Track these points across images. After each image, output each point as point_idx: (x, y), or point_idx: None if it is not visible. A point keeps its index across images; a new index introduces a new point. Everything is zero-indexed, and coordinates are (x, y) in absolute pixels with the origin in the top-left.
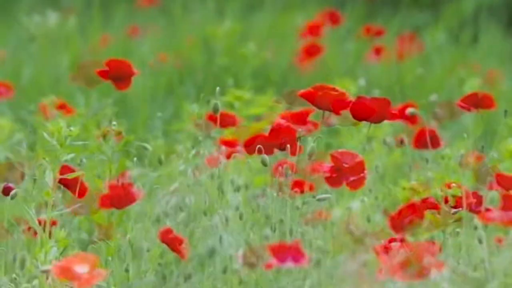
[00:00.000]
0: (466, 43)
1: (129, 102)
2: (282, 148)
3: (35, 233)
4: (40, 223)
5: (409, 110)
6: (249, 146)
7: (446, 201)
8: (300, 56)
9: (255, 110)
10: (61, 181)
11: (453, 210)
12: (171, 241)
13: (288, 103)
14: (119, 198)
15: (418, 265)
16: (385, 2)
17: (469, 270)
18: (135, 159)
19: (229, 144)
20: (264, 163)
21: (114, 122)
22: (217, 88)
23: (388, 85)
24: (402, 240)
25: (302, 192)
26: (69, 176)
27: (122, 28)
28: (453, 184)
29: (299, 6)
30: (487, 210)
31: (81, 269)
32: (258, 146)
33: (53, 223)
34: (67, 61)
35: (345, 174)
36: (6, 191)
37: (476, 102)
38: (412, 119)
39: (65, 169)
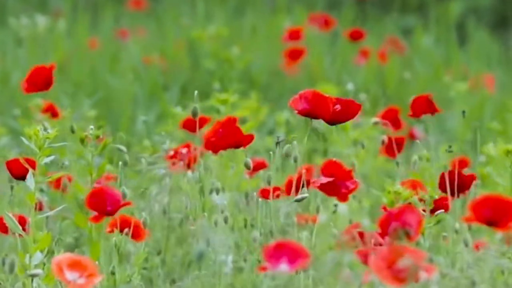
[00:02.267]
0: (453, 46)
1: (114, 105)
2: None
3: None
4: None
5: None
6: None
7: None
8: (285, 59)
9: (239, 113)
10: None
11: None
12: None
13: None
14: (104, 202)
15: (406, 269)
16: (373, 5)
17: (455, 273)
18: (120, 163)
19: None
20: (247, 166)
21: (91, 126)
22: (195, 92)
23: (375, 88)
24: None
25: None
26: (52, 178)
27: (110, 31)
28: (420, 189)
29: (287, 9)
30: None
31: (74, 274)
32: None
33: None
34: (55, 64)
35: (338, 185)
36: None
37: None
38: (396, 123)
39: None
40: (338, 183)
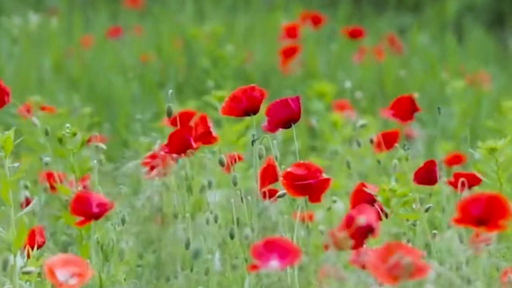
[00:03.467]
0: (450, 44)
1: (111, 103)
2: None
3: None
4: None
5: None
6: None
7: None
8: (281, 57)
9: None
10: None
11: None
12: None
13: None
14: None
15: (402, 267)
16: (369, 3)
17: (449, 273)
18: (101, 158)
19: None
20: (221, 163)
21: (67, 125)
22: (170, 91)
23: (371, 86)
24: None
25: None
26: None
27: (105, 29)
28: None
29: (283, 7)
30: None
31: (65, 275)
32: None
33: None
34: (50, 62)
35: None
36: None
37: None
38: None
39: None
40: (311, 183)
